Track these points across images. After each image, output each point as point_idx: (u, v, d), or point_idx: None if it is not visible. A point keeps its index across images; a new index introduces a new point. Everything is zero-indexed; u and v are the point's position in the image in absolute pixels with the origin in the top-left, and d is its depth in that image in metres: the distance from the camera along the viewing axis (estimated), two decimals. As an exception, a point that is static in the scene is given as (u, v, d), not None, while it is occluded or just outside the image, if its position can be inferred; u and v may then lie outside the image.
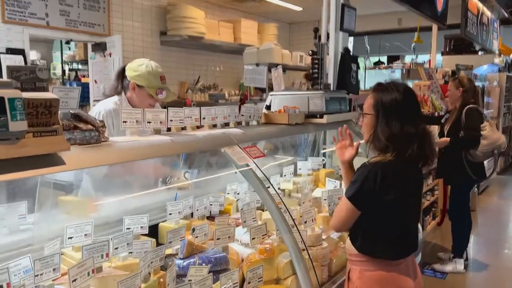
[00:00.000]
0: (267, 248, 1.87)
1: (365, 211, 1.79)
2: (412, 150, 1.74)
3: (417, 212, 2.02)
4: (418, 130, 1.77)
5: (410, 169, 1.84)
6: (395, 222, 1.83)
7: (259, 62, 5.34)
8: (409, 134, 1.75)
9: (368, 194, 1.75)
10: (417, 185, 1.94)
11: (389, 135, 1.76)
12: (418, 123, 1.79)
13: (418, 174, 1.92)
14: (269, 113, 2.54)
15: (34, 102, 1.24)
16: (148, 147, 1.60)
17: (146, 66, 2.58)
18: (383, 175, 1.73)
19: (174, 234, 1.86)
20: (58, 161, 1.27)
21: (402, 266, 1.83)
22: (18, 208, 1.74)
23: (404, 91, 1.81)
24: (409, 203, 1.86)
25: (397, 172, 1.77)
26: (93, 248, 1.56)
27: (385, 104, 1.79)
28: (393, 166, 1.75)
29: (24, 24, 4.93)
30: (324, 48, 3.29)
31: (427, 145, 1.81)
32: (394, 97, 1.78)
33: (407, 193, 1.82)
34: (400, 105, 1.77)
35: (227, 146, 1.91)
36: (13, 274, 1.45)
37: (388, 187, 1.74)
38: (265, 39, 7.56)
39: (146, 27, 6.33)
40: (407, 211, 1.86)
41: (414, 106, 1.84)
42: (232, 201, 2.49)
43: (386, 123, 1.77)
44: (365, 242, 1.83)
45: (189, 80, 6.88)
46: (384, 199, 1.74)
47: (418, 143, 1.75)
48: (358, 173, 1.81)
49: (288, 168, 2.90)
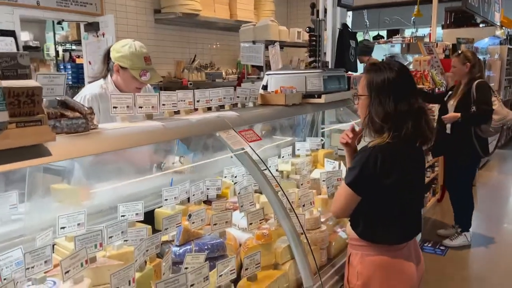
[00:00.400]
0: (264, 233, 1.84)
1: (365, 196, 1.75)
2: (406, 128, 1.70)
3: (420, 194, 1.97)
4: (412, 108, 1.72)
5: (410, 150, 1.79)
6: (396, 206, 1.79)
7: (256, 39, 5.22)
8: (403, 112, 1.71)
9: (368, 179, 1.72)
10: (418, 165, 1.88)
11: (383, 115, 1.72)
12: (412, 101, 1.74)
13: (418, 154, 1.86)
14: (265, 94, 2.47)
15: (15, 91, 1.17)
16: (139, 134, 1.54)
17: (129, 47, 2.48)
18: (383, 159, 1.69)
19: (170, 221, 1.83)
20: (44, 152, 1.22)
21: (404, 251, 1.80)
22: (9, 198, 1.71)
23: (397, 69, 1.76)
24: (410, 185, 1.81)
25: (396, 154, 1.73)
26: (86, 238, 1.52)
27: (378, 84, 1.75)
28: (391, 148, 1.71)
29: (13, 5, 4.80)
30: (321, 24, 3.19)
31: (424, 122, 1.75)
32: (386, 76, 1.74)
33: (408, 175, 1.78)
34: (392, 83, 1.73)
35: (222, 130, 1.85)
36: (5, 267, 1.42)
37: (388, 171, 1.70)
38: (262, 15, 7.40)
39: (140, 5, 6.18)
40: (409, 193, 1.82)
41: (408, 84, 1.79)
42: (229, 184, 2.45)
43: (379, 102, 1.73)
44: (366, 228, 1.80)
45: (185, 59, 6.76)
46: (385, 183, 1.71)
47: (413, 121, 1.71)
48: (357, 158, 1.78)
49: (286, 150, 2.85)
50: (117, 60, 2.50)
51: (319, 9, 3.28)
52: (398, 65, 1.81)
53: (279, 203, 1.85)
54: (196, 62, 6.79)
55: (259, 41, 5.23)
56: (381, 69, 1.78)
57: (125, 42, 2.53)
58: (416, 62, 5.89)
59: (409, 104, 1.72)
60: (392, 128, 1.72)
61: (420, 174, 1.93)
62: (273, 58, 5.23)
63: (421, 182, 1.95)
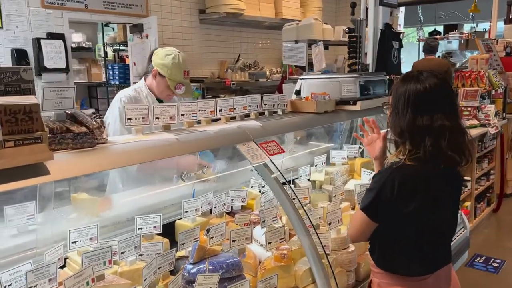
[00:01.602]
0: (283, 254, 1.72)
1: (382, 222, 1.58)
2: (424, 147, 1.50)
3: (449, 222, 1.71)
4: (434, 125, 1.51)
5: (436, 173, 1.56)
6: (418, 236, 1.59)
7: (298, 38, 5.08)
8: (421, 128, 1.51)
9: (384, 205, 1.54)
10: (447, 191, 1.64)
11: (399, 129, 1.56)
12: (436, 117, 1.51)
13: (448, 177, 1.62)
14: (295, 101, 2.34)
15: (11, 109, 1.14)
16: (148, 149, 1.47)
17: (173, 58, 2.48)
18: (400, 181, 1.51)
19: (186, 236, 1.76)
20: (42, 171, 1.18)
21: (429, 281, 1.60)
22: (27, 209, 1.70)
23: (427, 80, 1.56)
24: (435, 214, 1.59)
25: (418, 179, 1.53)
26: (95, 255, 1.48)
27: (400, 94, 1.58)
28: (412, 171, 1.52)
29: (63, 8, 4.96)
30: (362, 24, 3.00)
31: (449, 142, 1.51)
32: (411, 87, 1.56)
33: (433, 203, 1.57)
34: (416, 95, 1.54)
35: (242, 142, 1.75)
36: (14, 281, 1.41)
37: (407, 198, 1.51)
38: (308, 12, 7.21)
39: (185, 6, 6.21)
40: (433, 222, 1.60)
41: (438, 99, 1.56)
42: (255, 195, 2.35)
43: (397, 114, 1.57)
44: (382, 256, 1.63)
45: (229, 59, 6.73)
46: (403, 211, 1.52)
47: (433, 140, 1.50)
48: (375, 179, 1.60)
49: (320, 157, 2.70)
50: (157, 66, 2.50)
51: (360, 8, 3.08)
52: (433, 77, 1.58)
53: (300, 220, 1.72)
54: (240, 61, 6.74)
55: (301, 40, 5.09)
56: (409, 78, 1.60)
57: (171, 51, 2.52)
58: (472, 61, 5.46)
59: (431, 120, 1.51)
60: (407, 144, 1.55)
61: (451, 201, 1.69)
62: (316, 57, 5.05)
63: (451, 209, 1.70)
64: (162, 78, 2.49)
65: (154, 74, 2.53)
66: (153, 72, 2.53)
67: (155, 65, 2.52)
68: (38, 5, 4.75)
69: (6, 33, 4.54)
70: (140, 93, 2.57)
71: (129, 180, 2.19)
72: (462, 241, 2.55)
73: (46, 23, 4.84)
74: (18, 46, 4.62)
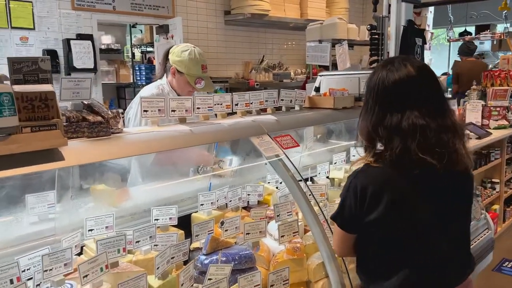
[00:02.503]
0: (296, 247, 1.71)
1: (356, 233, 1.45)
2: (391, 149, 1.30)
3: (451, 235, 1.42)
4: (403, 123, 1.29)
5: (417, 176, 1.32)
6: (396, 252, 1.38)
7: (322, 38, 5.05)
8: (389, 127, 1.30)
9: (350, 213, 1.39)
10: (441, 198, 1.38)
11: (366, 129, 1.37)
12: (408, 113, 1.30)
13: (443, 182, 1.37)
14: (313, 97, 2.33)
15: (28, 96, 1.19)
16: (161, 139, 1.50)
17: (189, 53, 2.51)
18: (362, 186, 1.33)
19: (201, 227, 1.78)
20: (57, 156, 1.22)
21: None
22: (47, 198, 1.76)
23: (399, 69, 1.34)
24: (419, 225, 1.37)
25: (384, 180, 1.33)
26: (109, 242, 1.52)
27: (370, 87, 1.39)
28: (378, 171, 1.34)
29: (92, 10, 5.12)
30: (384, 21, 2.96)
31: (422, 143, 1.28)
32: (381, 76, 1.35)
33: (413, 211, 1.35)
34: (385, 87, 1.33)
35: (256, 135, 1.76)
36: (33, 266, 1.46)
37: (371, 204, 1.33)
38: (334, 13, 7.16)
39: (210, 7, 6.29)
40: (418, 235, 1.37)
41: (414, 89, 1.33)
42: (272, 191, 2.35)
43: (365, 112, 1.38)
44: (363, 273, 1.49)
45: (253, 59, 6.76)
46: (369, 219, 1.34)
47: (402, 141, 1.29)
48: (344, 185, 1.46)
49: (339, 155, 2.67)
50: (174, 64, 2.54)
51: (383, 5, 3.04)
52: (407, 64, 1.35)
53: (313, 214, 1.71)
54: (264, 62, 6.76)
55: (325, 40, 5.06)
56: (379, 68, 1.40)
57: (186, 47, 2.55)
58: (503, 61, 5.31)
59: (400, 119, 1.30)
60: (373, 146, 1.37)
61: (446, 210, 1.40)
62: (340, 57, 5.02)
63: (452, 220, 1.42)
64: (181, 75, 2.52)
65: (172, 72, 2.56)
66: (171, 70, 2.57)
67: (172, 62, 2.55)
68: (69, 7, 4.92)
69: (38, 34, 4.72)
70: (162, 90, 2.61)
71: (148, 174, 2.24)
72: (486, 243, 2.47)
73: (75, 24, 5.00)
74: (49, 46, 4.79)
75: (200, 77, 2.48)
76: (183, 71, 2.50)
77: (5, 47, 4.51)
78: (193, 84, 2.49)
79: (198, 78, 2.47)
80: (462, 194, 1.48)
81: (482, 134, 3.58)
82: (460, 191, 1.46)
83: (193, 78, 2.48)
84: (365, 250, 1.46)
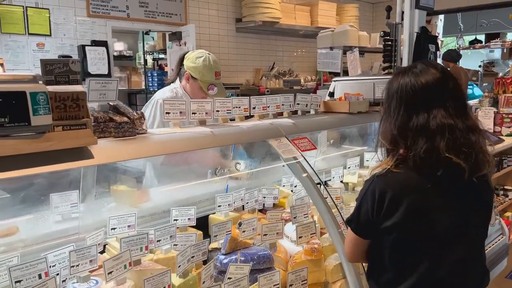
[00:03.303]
0: (314, 248, 1.74)
1: (371, 240, 1.43)
2: (415, 150, 1.27)
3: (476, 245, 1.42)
4: (431, 123, 1.27)
5: (437, 182, 1.30)
6: (410, 258, 1.35)
7: (334, 45, 5.10)
8: (415, 128, 1.29)
9: (365, 218, 1.37)
10: (459, 207, 1.35)
11: (391, 133, 1.35)
12: (434, 114, 1.29)
13: (464, 190, 1.35)
14: (328, 101, 2.36)
15: (61, 96, 1.23)
16: (185, 139, 1.54)
17: (203, 60, 2.58)
18: (381, 191, 1.31)
19: (219, 228, 1.81)
20: (87, 155, 1.26)
21: None
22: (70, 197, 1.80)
23: (423, 72, 1.35)
24: (434, 235, 1.33)
25: (405, 186, 1.32)
26: (132, 240, 1.55)
27: (392, 92, 1.38)
28: (399, 177, 1.32)
29: (107, 17, 5.21)
30: (398, 28, 3.00)
31: (450, 142, 1.26)
32: (405, 81, 1.35)
33: (430, 221, 1.33)
34: (410, 90, 1.33)
35: (274, 138, 1.79)
36: (58, 263, 1.49)
37: (390, 209, 1.31)
38: (344, 21, 7.22)
39: (222, 15, 6.37)
40: (433, 245, 1.33)
41: (438, 92, 1.32)
42: (287, 194, 2.38)
43: (388, 116, 1.37)
44: (376, 283, 1.45)
45: (264, 66, 6.82)
46: (385, 226, 1.33)
47: (428, 140, 1.27)
48: (361, 189, 1.45)
49: (353, 160, 2.69)
50: (189, 69, 2.60)
51: (396, 11, 3.08)
52: (431, 68, 1.37)
53: (331, 215, 1.73)
54: (275, 69, 6.81)
55: (337, 47, 5.10)
56: (401, 73, 1.40)
57: (201, 54, 2.62)
58: (514, 68, 5.31)
59: (427, 119, 1.29)
60: (397, 152, 1.34)
61: (464, 220, 1.37)
62: (352, 64, 5.05)
63: (471, 230, 1.39)
64: (195, 81, 2.58)
65: (186, 77, 2.63)
66: (185, 75, 2.63)
67: (187, 68, 2.62)
68: (84, 14, 5.01)
69: (54, 40, 4.81)
70: (176, 93, 2.67)
71: (165, 175, 2.28)
72: (500, 248, 2.47)
73: (90, 31, 5.10)
74: (64, 52, 4.88)
75: (213, 83, 2.54)
76: (197, 77, 2.56)
77: (22, 53, 4.60)
78: (206, 90, 2.55)
79: (211, 85, 2.53)
80: (482, 202, 1.45)
81: (495, 141, 3.58)
82: (481, 199, 1.43)
83: (206, 84, 2.54)
84: (378, 256, 1.42)
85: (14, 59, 4.54)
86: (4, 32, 4.47)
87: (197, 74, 2.56)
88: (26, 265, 1.28)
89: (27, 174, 1.14)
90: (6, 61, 4.34)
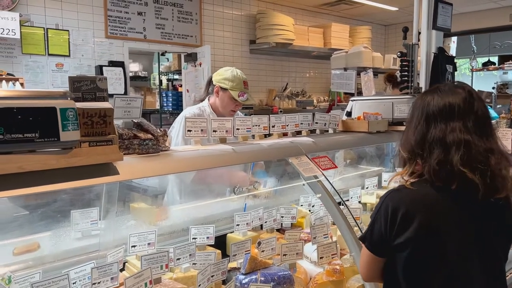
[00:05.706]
0: (336, 269, 1.71)
1: (385, 258, 1.40)
2: (429, 162, 1.28)
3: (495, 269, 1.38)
4: (448, 136, 1.29)
5: (452, 199, 1.30)
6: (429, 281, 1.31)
7: (348, 66, 5.12)
8: (431, 140, 1.30)
9: (379, 234, 1.35)
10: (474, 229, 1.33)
11: (409, 143, 1.36)
12: (453, 127, 1.30)
13: (480, 211, 1.32)
14: (347, 120, 2.36)
15: (88, 112, 1.25)
16: (207, 156, 1.55)
17: (231, 71, 2.70)
18: (394, 207, 1.31)
19: (238, 247, 1.79)
20: (112, 171, 1.27)
21: None
22: (91, 214, 1.81)
23: (449, 91, 1.37)
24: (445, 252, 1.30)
25: (418, 204, 1.30)
26: (153, 258, 1.54)
27: (417, 106, 1.41)
28: (412, 193, 1.31)
29: (124, 39, 5.32)
30: (414, 48, 3.00)
31: (465, 157, 1.26)
32: (429, 97, 1.38)
33: (443, 237, 1.30)
34: (433, 105, 1.35)
35: (294, 156, 1.79)
36: (78, 280, 1.49)
37: (402, 226, 1.29)
38: (357, 42, 7.26)
39: (236, 37, 6.46)
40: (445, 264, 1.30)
41: (461, 109, 1.33)
42: (305, 213, 2.36)
43: (409, 128, 1.39)
44: None
45: (277, 87, 6.87)
46: (396, 244, 1.31)
47: (443, 152, 1.27)
48: (375, 206, 1.44)
49: (371, 180, 2.67)
50: (219, 82, 2.68)
51: (412, 32, 3.09)
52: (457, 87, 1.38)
53: (353, 236, 1.71)
54: (288, 90, 6.85)
55: (351, 68, 5.12)
56: (428, 91, 1.45)
57: (228, 67, 2.76)
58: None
59: (444, 132, 1.30)
60: (415, 164, 1.35)
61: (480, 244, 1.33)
62: (366, 85, 5.06)
63: (488, 253, 1.35)
64: (225, 92, 2.65)
65: (216, 91, 2.70)
66: (215, 90, 2.71)
67: (216, 82, 2.70)
68: (102, 35, 5.12)
69: (73, 61, 4.91)
70: (203, 111, 2.72)
71: (186, 193, 2.28)
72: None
73: (108, 51, 5.20)
74: (82, 72, 4.97)
75: (243, 91, 2.59)
76: (227, 86, 2.64)
77: (42, 73, 4.70)
78: (236, 97, 2.61)
79: (241, 92, 2.58)
80: (503, 226, 1.39)
81: (514, 162, 3.53)
82: (501, 222, 1.38)
83: (236, 92, 2.62)
84: (392, 274, 1.39)
85: (34, 79, 4.64)
86: (25, 53, 4.58)
87: (227, 84, 2.64)
88: (49, 282, 1.28)
89: (54, 189, 1.14)
90: (26, 81, 4.43)
